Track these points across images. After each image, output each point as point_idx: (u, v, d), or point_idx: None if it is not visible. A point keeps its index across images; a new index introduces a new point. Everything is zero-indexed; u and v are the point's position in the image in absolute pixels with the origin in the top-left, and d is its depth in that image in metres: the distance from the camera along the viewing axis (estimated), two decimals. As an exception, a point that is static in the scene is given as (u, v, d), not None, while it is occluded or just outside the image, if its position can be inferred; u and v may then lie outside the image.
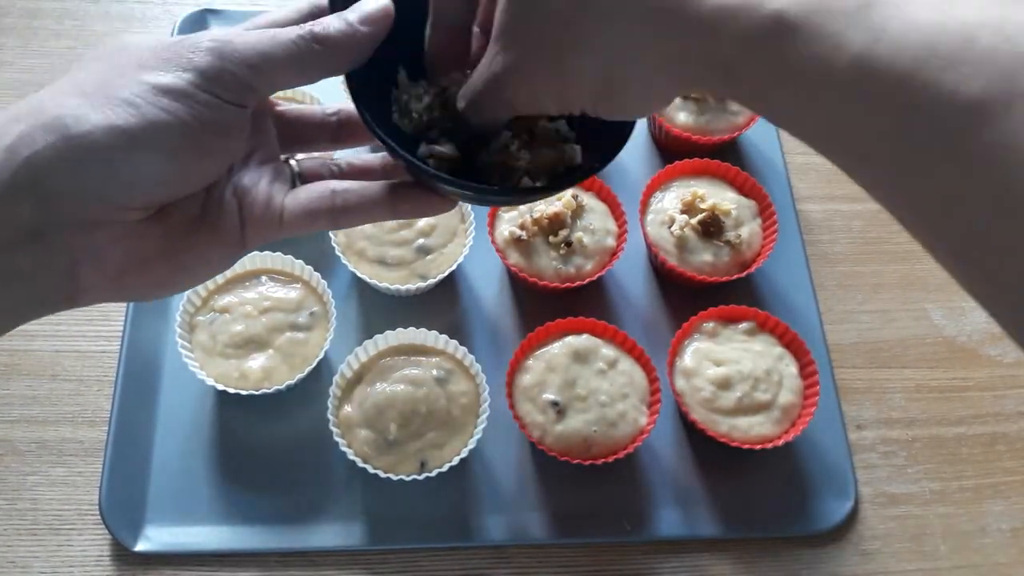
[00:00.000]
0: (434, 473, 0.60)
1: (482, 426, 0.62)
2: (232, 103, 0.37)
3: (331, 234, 0.69)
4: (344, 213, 0.42)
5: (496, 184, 0.43)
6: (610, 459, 0.62)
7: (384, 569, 0.61)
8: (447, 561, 0.62)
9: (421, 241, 0.69)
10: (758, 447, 0.63)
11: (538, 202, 0.70)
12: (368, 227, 0.69)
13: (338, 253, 0.68)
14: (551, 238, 0.69)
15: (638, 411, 0.64)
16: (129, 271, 0.38)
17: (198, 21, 0.83)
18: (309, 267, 0.67)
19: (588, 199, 0.72)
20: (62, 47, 0.82)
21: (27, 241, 0.35)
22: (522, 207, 0.71)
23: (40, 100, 0.36)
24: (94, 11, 0.85)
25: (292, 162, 0.45)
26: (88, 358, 0.67)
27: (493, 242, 0.70)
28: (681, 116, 0.78)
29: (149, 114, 0.35)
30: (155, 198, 0.38)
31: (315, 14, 0.41)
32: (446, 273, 0.69)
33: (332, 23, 0.38)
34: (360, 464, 0.60)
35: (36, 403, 0.65)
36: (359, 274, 0.68)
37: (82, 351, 0.68)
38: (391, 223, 0.69)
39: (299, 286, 0.67)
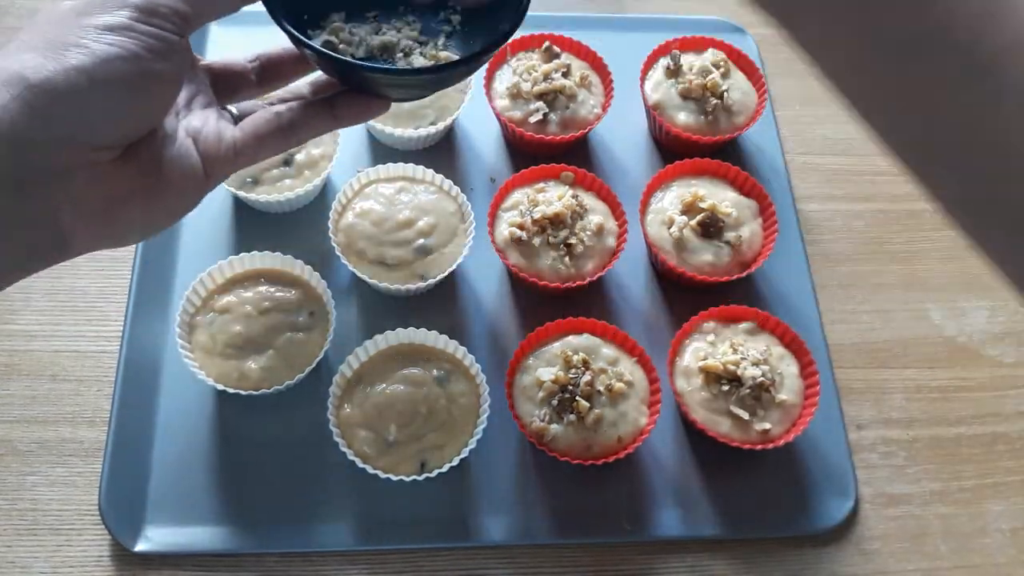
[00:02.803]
0: (434, 473, 0.60)
1: (482, 426, 0.62)
2: (170, 31, 0.40)
3: (331, 234, 0.69)
4: (292, 129, 0.47)
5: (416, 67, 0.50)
6: (610, 459, 0.62)
7: (384, 569, 0.61)
8: (447, 561, 0.62)
9: (421, 241, 0.69)
10: (758, 447, 0.63)
11: (539, 203, 0.70)
12: (368, 227, 0.69)
13: (338, 253, 0.68)
14: (551, 238, 0.69)
15: (638, 411, 0.64)
16: (111, 211, 0.41)
17: (198, 21, 0.83)
18: (309, 267, 0.67)
19: (588, 199, 0.72)
20: (62, 47, 0.82)
21: (7, 194, 0.38)
22: (523, 207, 0.71)
23: None
24: (94, 11, 0.85)
25: (230, 108, 0.49)
26: (88, 358, 0.67)
27: (493, 242, 0.70)
28: (681, 116, 0.78)
29: (99, 51, 0.38)
30: (122, 132, 0.41)
31: None
32: (446, 273, 0.68)
33: None
34: (360, 464, 0.60)
35: (36, 403, 0.65)
36: (359, 274, 0.68)
37: (82, 351, 0.68)
38: (391, 223, 0.69)
39: (299, 286, 0.67)
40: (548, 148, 0.76)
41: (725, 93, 0.78)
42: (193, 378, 0.62)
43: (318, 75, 0.52)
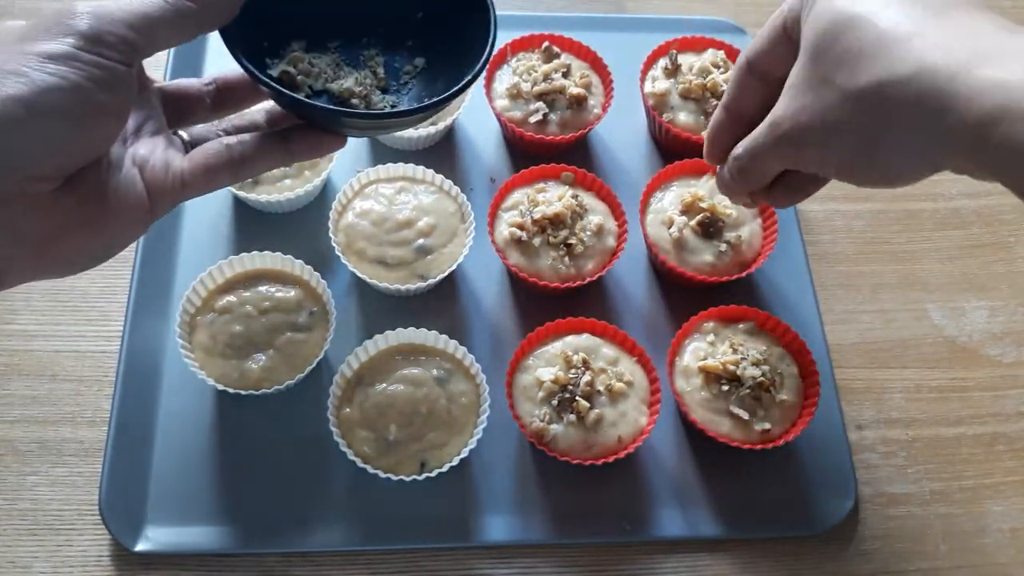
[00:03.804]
0: (434, 473, 0.60)
1: (482, 426, 0.62)
2: (117, 62, 0.39)
3: (331, 234, 0.69)
4: (242, 163, 0.45)
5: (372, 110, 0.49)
6: (610, 459, 0.62)
7: (384, 569, 0.61)
8: (447, 561, 0.62)
9: (421, 241, 0.69)
10: (758, 447, 0.63)
11: (539, 203, 0.70)
12: (368, 227, 0.69)
13: (338, 253, 0.68)
14: (551, 238, 0.69)
15: (638, 411, 0.64)
16: (48, 242, 0.40)
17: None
18: (309, 267, 0.67)
19: (588, 199, 0.72)
20: (62, 47, 0.82)
21: None
22: (523, 207, 0.71)
23: None
24: (94, 11, 0.85)
25: (181, 133, 0.48)
26: (88, 358, 0.67)
27: (493, 242, 0.70)
28: (681, 116, 0.78)
29: (39, 80, 0.37)
30: (61, 163, 0.39)
31: None
32: (446, 273, 0.68)
33: None
34: (360, 464, 0.60)
35: (36, 403, 0.65)
36: (359, 274, 0.68)
37: (82, 351, 0.68)
38: (391, 223, 0.69)
39: (299, 286, 0.67)
40: (548, 148, 0.76)
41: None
42: (193, 378, 0.62)
43: (274, 103, 0.50)
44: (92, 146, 0.40)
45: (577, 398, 0.62)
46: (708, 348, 0.66)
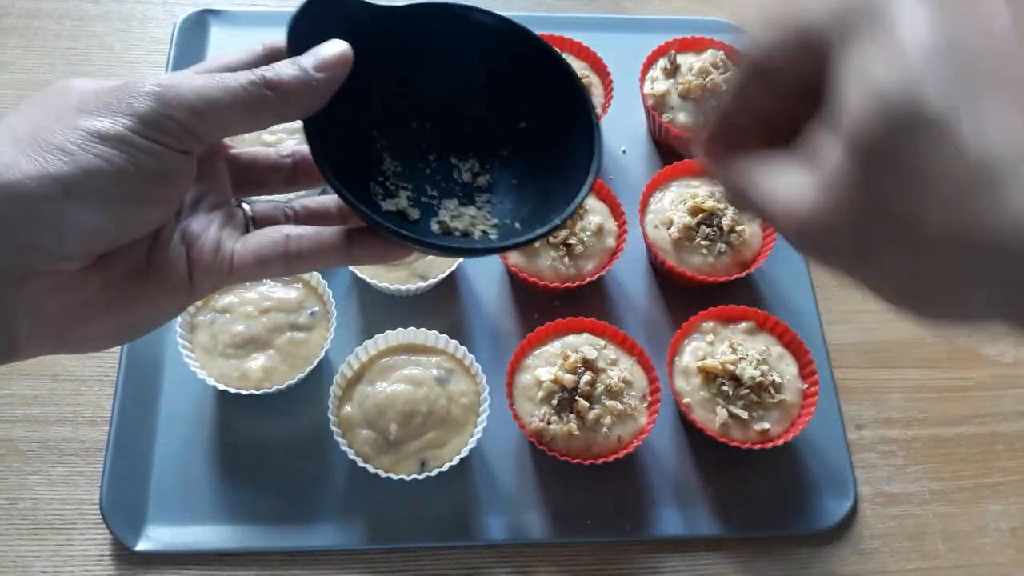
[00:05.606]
0: (434, 473, 0.60)
1: (482, 426, 0.62)
2: (174, 149, 0.36)
3: (331, 234, 0.69)
4: (298, 259, 0.40)
5: (447, 240, 0.43)
6: (610, 459, 0.62)
7: (384, 569, 0.61)
8: (447, 561, 0.62)
9: (421, 241, 0.69)
10: (758, 447, 0.63)
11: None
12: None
13: (338, 253, 0.68)
14: (551, 238, 0.69)
15: (638, 411, 0.64)
16: (70, 324, 0.37)
17: (199, 21, 0.83)
18: (309, 267, 0.67)
19: (588, 199, 0.73)
20: (62, 47, 0.82)
21: None
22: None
23: None
24: (94, 11, 0.85)
25: (245, 206, 0.44)
26: (89, 358, 0.67)
27: (493, 242, 0.70)
28: (681, 116, 0.78)
29: (83, 161, 0.34)
30: (92, 248, 0.36)
31: (272, 57, 0.39)
32: (446, 273, 0.69)
33: (286, 69, 0.37)
34: (360, 464, 0.60)
35: (37, 403, 0.65)
36: (359, 274, 0.68)
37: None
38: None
39: (299, 286, 0.67)
40: (548, 148, 0.76)
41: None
42: (194, 378, 0.63)
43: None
44: (127, 232, 0.37)
45: (577, 398, 0.62)
46: (707, 348, 0.67)
